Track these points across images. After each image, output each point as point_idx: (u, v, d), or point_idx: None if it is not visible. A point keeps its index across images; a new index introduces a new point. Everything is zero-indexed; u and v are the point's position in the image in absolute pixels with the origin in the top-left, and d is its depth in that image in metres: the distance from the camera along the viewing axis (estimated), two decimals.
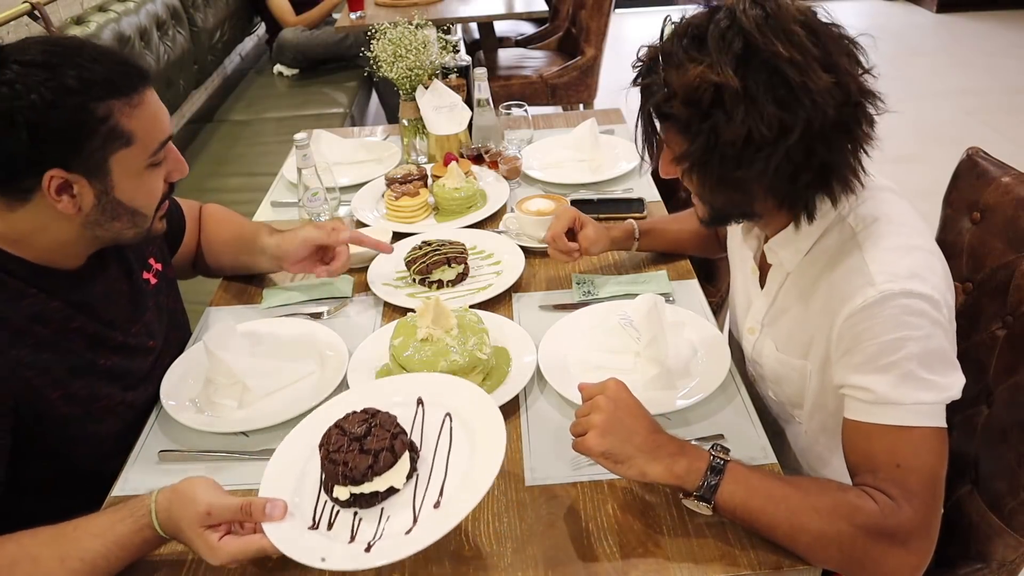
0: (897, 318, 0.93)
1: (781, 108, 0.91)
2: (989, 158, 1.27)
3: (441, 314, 1.23)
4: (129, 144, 1.04)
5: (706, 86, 0.92)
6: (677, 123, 0.98)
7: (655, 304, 1.26)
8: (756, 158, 0.94)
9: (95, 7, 2.90)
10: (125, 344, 1.20)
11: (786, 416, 1.23)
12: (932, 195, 1.43)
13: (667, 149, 1.05)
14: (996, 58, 5.21)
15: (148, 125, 1.06)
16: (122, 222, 1.10)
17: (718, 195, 1.04)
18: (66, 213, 1.04)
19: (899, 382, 0.93)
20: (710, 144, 0.95)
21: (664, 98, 0.97)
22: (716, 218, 1.11)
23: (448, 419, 1.03)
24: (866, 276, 0.96)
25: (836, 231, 1.05)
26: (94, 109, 1.00)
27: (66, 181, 1.01)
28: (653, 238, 1.53)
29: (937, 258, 1.01)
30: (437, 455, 0.99)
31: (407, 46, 1.93)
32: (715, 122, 0.93)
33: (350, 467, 0.91)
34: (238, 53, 4.22)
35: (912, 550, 0.91)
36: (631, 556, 0.95)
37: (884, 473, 0.93)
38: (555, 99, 3.81)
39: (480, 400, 1.05)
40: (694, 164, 0.99)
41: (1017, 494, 1.11)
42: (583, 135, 1.97)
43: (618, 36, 4.41)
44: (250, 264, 1.55)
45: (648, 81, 1.00)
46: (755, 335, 1.22)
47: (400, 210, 1.75)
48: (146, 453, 1.17)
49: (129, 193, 1.07)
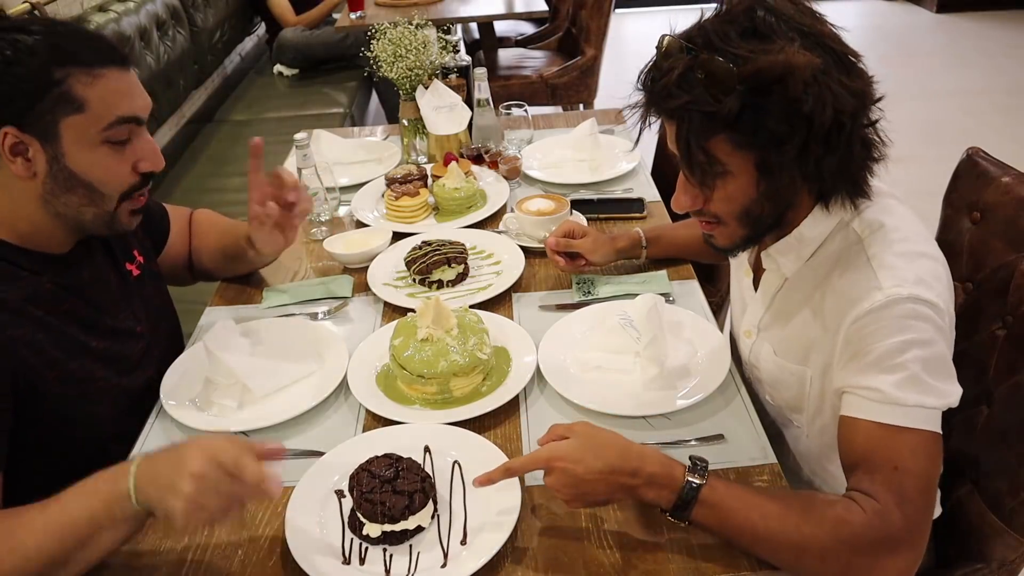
0: (903, 322, 0.93)
1: (850, 80, 0.91)
2: (989, 158, 1.27)
3: (441, 314, 1.23)
4: (80, 111, 1.05)
5: (796, 70, 0.86)
6: (752, 122, 0.90)
7: (655, 304, 1.26)
8: (840, 140, 0.92)
9: (95, 7, 2.89)
10: (115, 328, 1.22)
11: (783, 420, 1.23)
12: (932, 195, 1.42)
13: (685, 179, 1.01)
14: (996, 58, 5.21)
15: (105, 97, 1.07)
16: (78, 196, 1.10)
17: (774, 199, 0.99)
18: (20, 177, 1.06)
19: (903, 383, 0.92)
20: (801, 135, 0.90)
21: (736, 100, 0.88)
22: (749, 240, 1.06)
23: (457, 466, 1.07)
24: (873, 281, 0.96)
25: (840, 237, 1.04)
26: (52, 72, 1.03)
27: (20, 142, 1.04)
28: (661, 246, 1.52)
29: (942, 266, 1.01)
30: (453, 497, 1.04)
31: (407, 46, 1.93)
32: (808, 109, 0.88)
33: (388, 506, 0.96)
34: (238, 53, 4.22)
35: (902, 557, 0.90)
36: (631, 556, 0.95)
37: (881, 475, 0.92)
38: (555, 99, 3.81)
39: (486, 449, 1.09)
40: (780, 161, 0.93)
41: (1017, 494, 1.11)
42: (583, 135, 1.97)
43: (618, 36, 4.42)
44: (240, 260, 1.53)
45: (694, 94, 0.90)
46: (752, 338, 1.21)
47: (400, 210, 1.75)
48: (147, 449, 1.17)
49: (82, 165, 1.08)
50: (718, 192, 0.99)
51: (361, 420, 1.21)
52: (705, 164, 0.95)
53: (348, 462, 1.06)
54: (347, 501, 1.02)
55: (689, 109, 0.91)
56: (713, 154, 0.94)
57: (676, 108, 0.93)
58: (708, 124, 0.91)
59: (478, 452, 1.09)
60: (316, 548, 0.97)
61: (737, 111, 0.89)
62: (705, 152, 0.94)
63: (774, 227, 1.05)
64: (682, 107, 0.92)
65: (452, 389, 1.21)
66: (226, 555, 0.99)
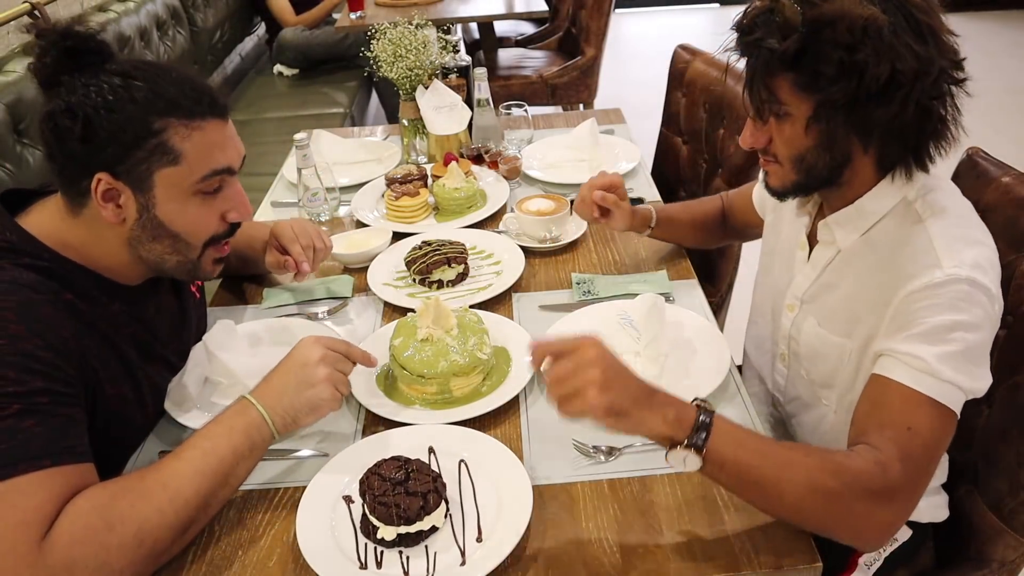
0: (957, 302, 0.95)
1: (921, 45, 0.93)
2: (989, 158, 1.27)
3: (441, 314, 1.24)
4: (176, 163, 1.05)
5: (853, 19, 0.91)
6: (810, 65, 0.95)
7: (655, 304, 1.26)
8: (895, 97, 0.95)
9: (95, 7, 2.90)
10: (164, 358, 1.23)
11: (810, 399, 1.23)
12: None
13: (751, 116, 1.06)
14: (996, 58, 5.21)
15: (201, 150, 1.06)
16: (163, 245, 1.10)
17: (831, 150, 1.02)
18: (110, 222, 1.05)
19: (946, 357, 0.94)
20: (852, 83, 0.94)
21: (797, 42, 0.94)
22: (800, 186, 1.09)
23: (463, 465, 1.07)
24: (933, 258, 0.98)
25: (901, 214, 1.06)
26: (151, 122, 1.02)
27: (113, 188, 1.03)
28: (665, 228, 1.53)
29: (997, 258, 1.02)
30: (463, 495, 1.03)
31: (407, 46, 1.93)
32: (863, 58, 0.92)
33: (403, 508, 0.95)
34: (238, 53, 4.22)
35: (893, 509, 0.92)
36: (631, 556, 0.95)
37: (892, 431, 0.93)
38: (555, 99, 3.82)
39: (489, 444, 1.10)
40: (833, 108, 0.97)
41: (1017, 494, 1.12)
42: (583, 135, 1.97)
43: (618, 36, 4.41)
44: (250, 263, 1.55)
45: (765, 31, 0.97)
46: (795, 312, 1.22)
47: (400, 210, 1.75)
48: (146, 454, 1.17)
49: (171, 215, 1.08)
50: (777, 133, 1.04)
51: (361, 420, 1.21)
52: (768, 101, 1.01)
53: (353, 467, 1.06)
54: (355, 506, 1.02)
55: (758, 45, 0.98)
56: (775, 92, 1.00)
57: (748, 43, 1.00)
58: (772, 62, 0.98)
59: (483, 450, 1.09)
60: (329, 555, 0.96)
61: (796, 51, 0.95)
62: (768, 89, 1.00)
63: (828, 182, 1.08)
64: (752, 42, 0.99)
65: (452, 389, 1.21)
66: (226, 555, 0.99)
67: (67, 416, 0.96)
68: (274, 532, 1.02)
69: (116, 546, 0.89)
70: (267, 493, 1.08)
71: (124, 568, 0.90)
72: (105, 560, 0.88)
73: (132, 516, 0.91)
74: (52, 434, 0.93)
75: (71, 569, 0.86)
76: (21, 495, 0.88)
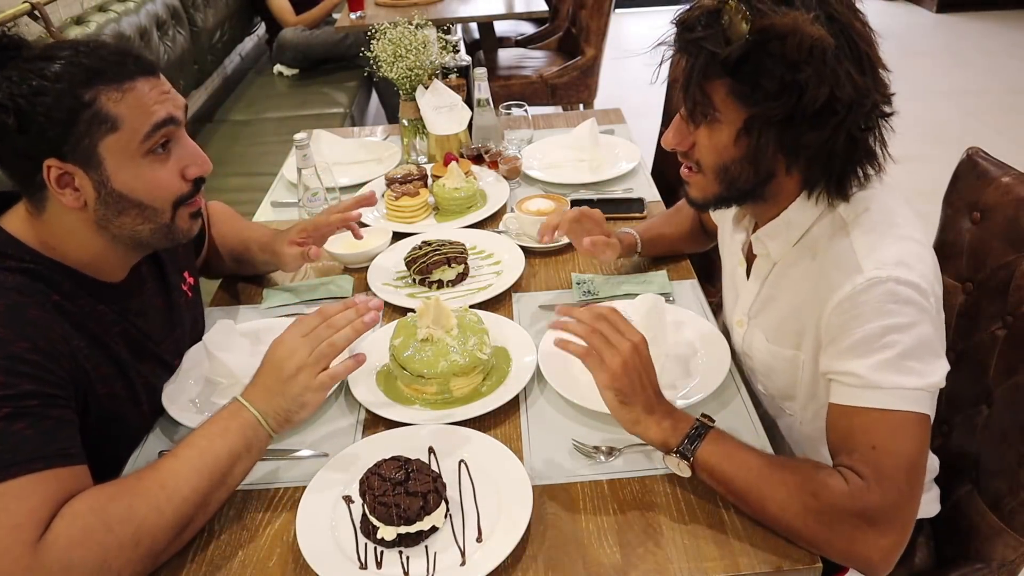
0: (883, 305, 0.94)
1: (860, 75, 0.93)
2: (989, 158, 1.27)
3: (441, 314, 1.23)
4: (116, 129, 1.03)
5: (803, 37, 0.89)
6: (751, 76, 0.93)
7: (655, 304, 1.26)
8: (828, 123, 0.94)
9: (95, 7, 2.89)
10: (158, 356, 1.23)
11: (776, 410, 1.24)
12: (932, 195, 1.43)
13: (681, 116, 1.04)
14: (996, 58, 5.21)
15: (136, 110, 1.04)
16: (131, 217, 1.09)
17: (755, 165, 1.01)
18: (72, 207, 1.04)
19: (880, 367, 0.93)
20: (789, 102, 0.92)
21: (741, 49, 0.91)
22: (722, 199, 1.08)
23: (463, 465, 1.07)
24: (854, 264, 0.97)
25: (827, 221, 1.05)
26: (80, 95, 1.01)
27: (65, 172, 1.02)
28: (654, 246, 1.54)
29: (926, 248, 1.01)
30: (463, 495, 1.04)
31: (407, 46, 1.93)
32: (804, 78, 0.90)
33: (403, 508, 0.95)
34: (238, 53, 4.22)
35: (883, 532, 0.91)
36: (631, 556, 0.95)
37: (859, 454, 0.93)
38: (555, 99, 3.81)
39: (489, 444, 1.10)
40: (766, 123, 0.95)
41: (1017, 494, 1.11)
42: (583, 135, 1.97)
43: (618, 36, 4.41)
44: (246, 264, 1.55)
45: (708, 32, 0.94)
46: (743, 327, 1.22)
47: (400, 210, 1.75)
48: (146, 454, 1.17)
49: (128, 183, 1.06)
50: (704, 138, 1.02)
51: (361, 420, 1.21)
52: (700, 104, 0.99)
53: (352, 467, 1.06)
54: (355, 506, 1.02)
55: (700, 45, 0.95)
56: (709, 96, 0.97)
57: (689, 41, 0.97)
58: (712, 65, 0.95)
59: (483, 450, 1.09)
60: (329, 555, 0.96)
61: (739, 58, 0.92)
62: (703, 91, 0.97)
63: (750, 196, 1.07)
64: (694, 41, 0.96)
65: (452, 389, 1.21)
66: (226, 555, 0.99)
67: (58, 418, 0.96)
68: (274, 532, 1.02)
69: (115, 547, 0.89)
70: (267, 493, 1.08)
71: (122, 569, 0.90)
72: (104, 561, 0.88)
73: (130, 516, 0.91)
74: (43, 437, 0.92)
75: (69, 571, 0.86)
76: (14, 498, 0.87)
